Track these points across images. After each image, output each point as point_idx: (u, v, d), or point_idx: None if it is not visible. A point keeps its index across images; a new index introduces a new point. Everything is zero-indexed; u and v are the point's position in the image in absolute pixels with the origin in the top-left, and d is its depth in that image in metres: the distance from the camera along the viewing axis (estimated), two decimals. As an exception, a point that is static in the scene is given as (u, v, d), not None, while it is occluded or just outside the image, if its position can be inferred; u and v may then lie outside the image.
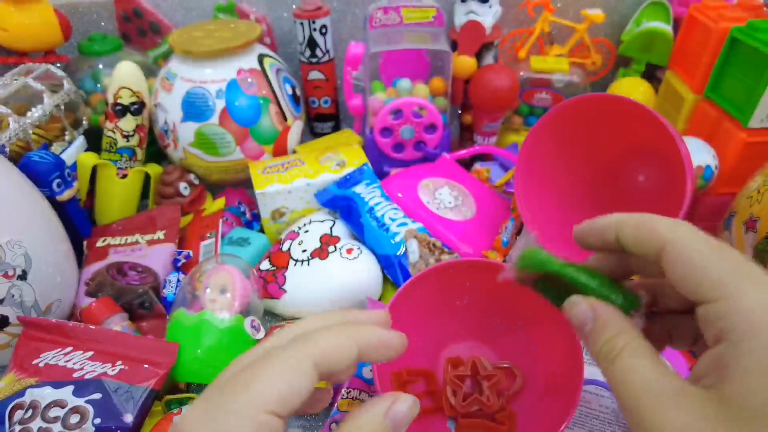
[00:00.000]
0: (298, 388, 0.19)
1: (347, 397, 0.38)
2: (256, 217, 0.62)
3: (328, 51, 0.71)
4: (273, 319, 0.51)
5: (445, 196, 0.57)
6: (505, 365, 0.40)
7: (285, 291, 0.49)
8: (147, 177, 0.62)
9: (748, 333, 0.16)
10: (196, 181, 0.63)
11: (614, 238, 0.21)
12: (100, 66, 0.67)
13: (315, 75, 0.72)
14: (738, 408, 0.15)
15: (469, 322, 0.42)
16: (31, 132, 0.55)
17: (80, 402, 0.37)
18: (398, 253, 0.49)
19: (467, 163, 0.67)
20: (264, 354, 0.21)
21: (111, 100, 0.58)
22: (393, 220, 0.51)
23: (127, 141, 0.59)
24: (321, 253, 0.50)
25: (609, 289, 0.22)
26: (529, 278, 0.24)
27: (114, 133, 0.59)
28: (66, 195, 0.52)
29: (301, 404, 0.20)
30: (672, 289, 0.20)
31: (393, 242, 0.50)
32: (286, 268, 0.50)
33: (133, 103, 0.58)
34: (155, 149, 0.67)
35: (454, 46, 0.67)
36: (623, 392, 0.18)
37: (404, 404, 0.21)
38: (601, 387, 0.38)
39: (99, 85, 0.67)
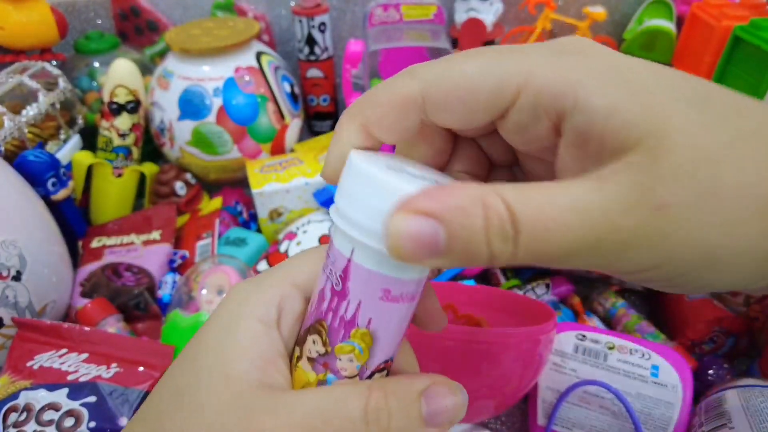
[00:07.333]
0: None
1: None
2: (253, 217, 0.61)
3: (327, 48, 0.70)
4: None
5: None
6: None
7: (283, 292, 0.49)
8: (143, 176, 0.61)
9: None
10: (193, 181, 0.63)
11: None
12: (96, 64, 0.66)
13: (314, 73, 0.71)
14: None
15: None
16: (26, 131, 0.54)
17: (75, 405, 0.36)
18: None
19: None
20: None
21: (107, 99, 0.58)
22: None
23: (123, 140, 0.58)
24: (319, 253, 0.50)
25: None
26: None
27: (110, 131, 0.58)
28: (61, 194, 0.51)
29: None
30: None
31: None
32: (284, 268, 0.50)
33: (129, 102, 0.58)
34: (151, 148, 0.66)
35: (455, 43, 0.66)
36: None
37: (447, 390, 0.17)
38: (601, 387, 0.37)
39: (95, 84, 0.67)
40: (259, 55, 0.61)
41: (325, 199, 0.55)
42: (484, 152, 0.21)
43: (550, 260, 0.14)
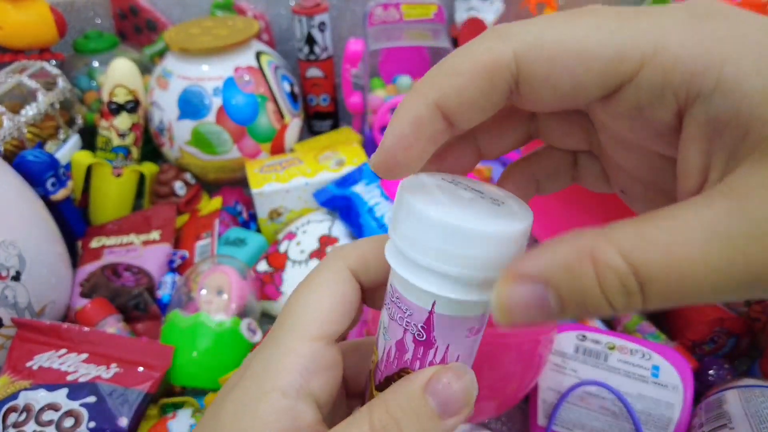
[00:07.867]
0: (340, 300, 0.18)
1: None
2: (253, 217, 0.61)
3: (326, 48, 0.70)
4: (270, 321, 0.51)
5: (444, 196, 0.56)
6: None
7: (282, 293, 0.49)
8: (142, 176, 0.61)
9: None
10: (192, 181, 0.63)
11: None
12: (96, 64, 0.66)
13: (313, 72, 0.71)
14: None
15: None
16: (25, 130, 0.54)
17: (74, 405, 0.36)
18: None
19: (467, 162, 0.67)
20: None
21: (106, 99, 0.57)
22: (392, 220, 0.51)
23: (123, 140, 0.58)
24: (320, 254, 0.50)
25: None
26: None
27: (109, 131, 0.58)
28: (60, 194, 0.51)
29: (350, 321, 0.18)
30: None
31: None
32: (284, 269, 0.50)
33: (128, 102, 0.58)
34: (151, 148, 0.66)
35: (455, 43, 0.66)
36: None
37: (451, 375, 0.16)
38: (602, 387, 0.37)
39: (94, 83, 0.66)
40: (258, 55, 0.61)
41: (325, 199, 0.55)
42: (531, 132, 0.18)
43: (698, 302, 0.12)
